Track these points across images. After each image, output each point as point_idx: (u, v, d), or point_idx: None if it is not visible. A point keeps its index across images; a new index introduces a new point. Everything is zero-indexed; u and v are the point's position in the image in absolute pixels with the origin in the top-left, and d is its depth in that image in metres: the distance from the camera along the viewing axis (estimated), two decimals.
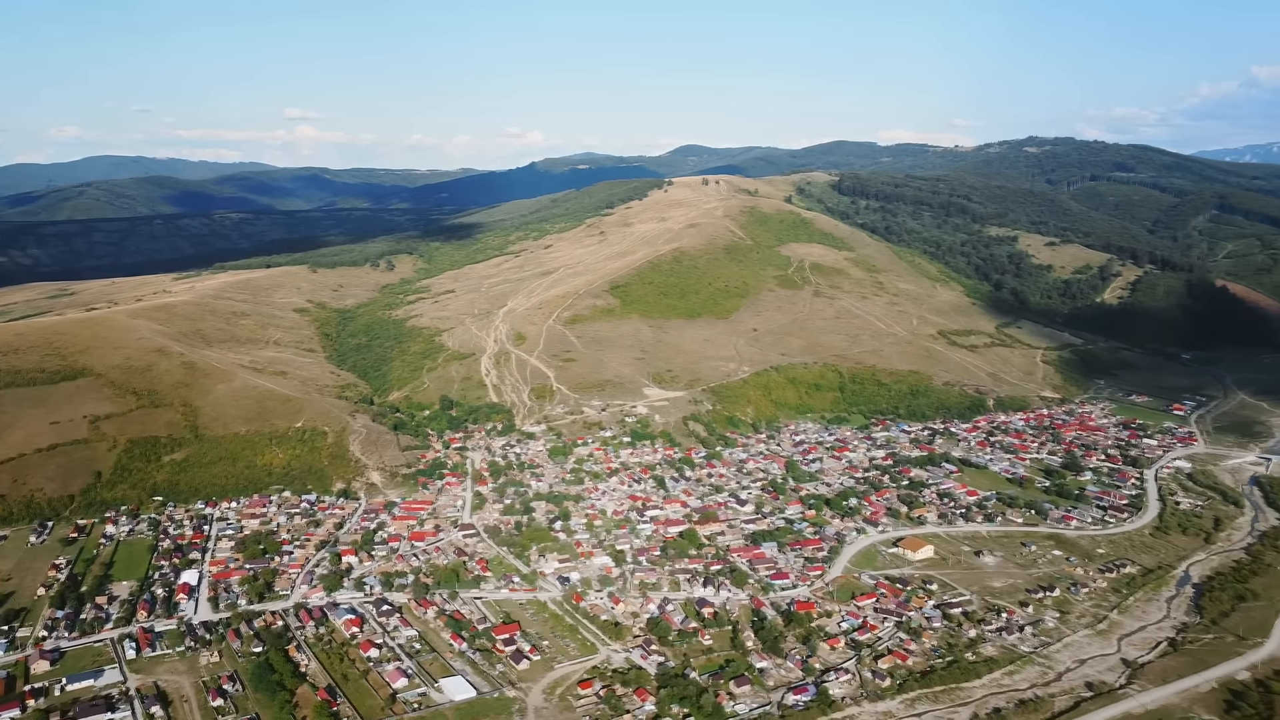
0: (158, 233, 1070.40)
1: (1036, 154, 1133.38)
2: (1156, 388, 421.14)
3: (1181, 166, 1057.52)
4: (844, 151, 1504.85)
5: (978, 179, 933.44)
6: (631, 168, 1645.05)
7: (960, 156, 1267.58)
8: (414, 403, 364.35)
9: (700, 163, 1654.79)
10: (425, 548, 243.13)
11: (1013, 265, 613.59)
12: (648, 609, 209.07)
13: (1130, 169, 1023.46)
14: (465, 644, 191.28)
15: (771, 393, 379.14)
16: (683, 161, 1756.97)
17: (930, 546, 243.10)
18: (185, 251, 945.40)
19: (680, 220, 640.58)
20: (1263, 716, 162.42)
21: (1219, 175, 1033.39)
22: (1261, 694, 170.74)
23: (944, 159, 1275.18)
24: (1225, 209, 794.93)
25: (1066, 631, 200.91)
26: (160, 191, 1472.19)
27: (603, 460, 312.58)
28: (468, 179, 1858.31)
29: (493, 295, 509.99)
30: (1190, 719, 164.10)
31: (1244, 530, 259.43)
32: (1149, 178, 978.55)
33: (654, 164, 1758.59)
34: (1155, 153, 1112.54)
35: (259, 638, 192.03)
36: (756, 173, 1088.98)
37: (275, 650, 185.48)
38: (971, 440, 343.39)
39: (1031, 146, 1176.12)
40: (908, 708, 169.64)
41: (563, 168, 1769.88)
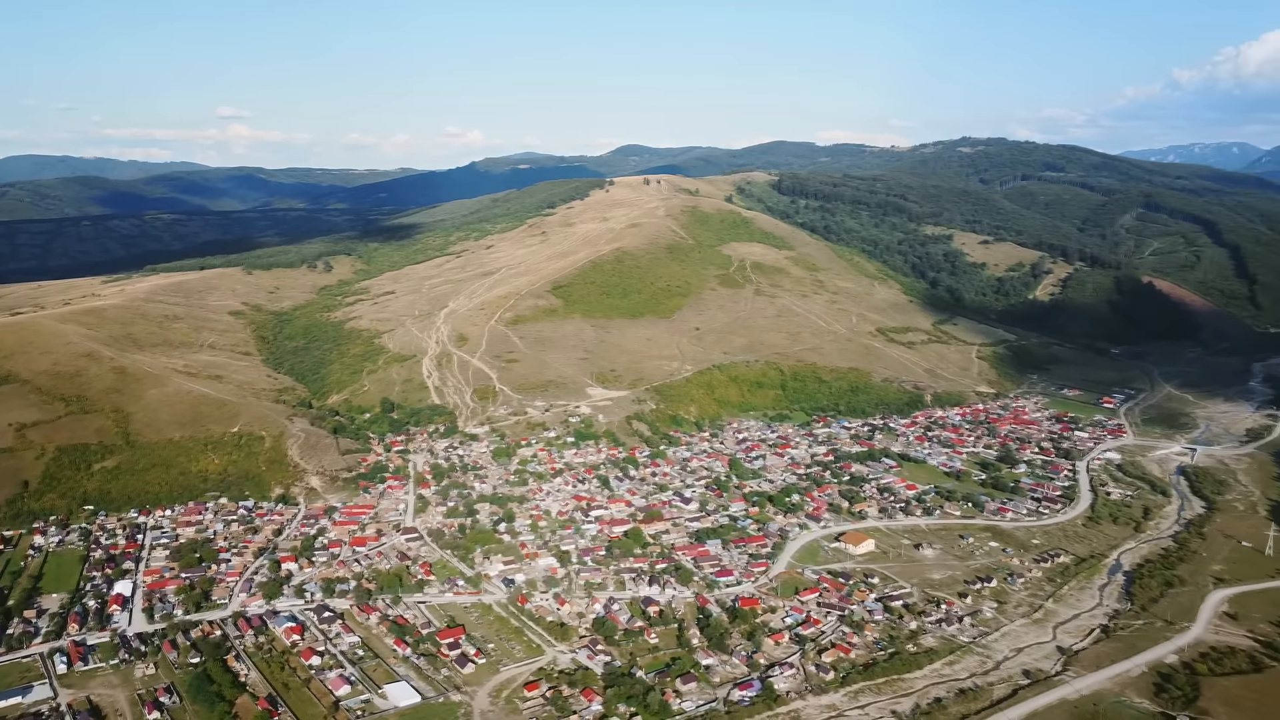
0: (86, 234, 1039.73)
1: (970, 154, 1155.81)
2: (1087, 382, 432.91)
3: (1109, 166, 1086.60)
4: (783, 151, 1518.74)
5: (914, 179, 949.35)
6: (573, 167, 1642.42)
7: (897, 156, 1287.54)
8: (354, 406, 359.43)
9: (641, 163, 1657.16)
10: (367, 553, 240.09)
11: (948, 263, 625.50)
12: (593, 609, 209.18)
13: (1060, 169, 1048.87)
14: (409, 649, 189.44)
15: (714, 391, 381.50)
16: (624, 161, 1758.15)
17: (871, 540, 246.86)
18: (115, 254, 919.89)
19: (622, 220, 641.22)
20: (1189, 698, 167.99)
21: (1144, 175, 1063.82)
22: (1188, 676, 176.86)
23: (881, 159, 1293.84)
24: (1151, 207, 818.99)
25: (1004, 621, 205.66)
26: (88, 192, 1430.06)
27: (547, 461, 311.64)
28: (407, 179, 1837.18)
29: (434, 296, 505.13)
30: (1122, 702, 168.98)
31: (1171, 519, 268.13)
32: (1078, 177, 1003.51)
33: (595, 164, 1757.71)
34: (1084, 153, 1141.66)
35: (196, 648, 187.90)
36: (697, 172, 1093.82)
37: (213, 660, 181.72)
38: (910, 435, 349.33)
39: (965, 147, 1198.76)
40: (851, 700, 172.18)
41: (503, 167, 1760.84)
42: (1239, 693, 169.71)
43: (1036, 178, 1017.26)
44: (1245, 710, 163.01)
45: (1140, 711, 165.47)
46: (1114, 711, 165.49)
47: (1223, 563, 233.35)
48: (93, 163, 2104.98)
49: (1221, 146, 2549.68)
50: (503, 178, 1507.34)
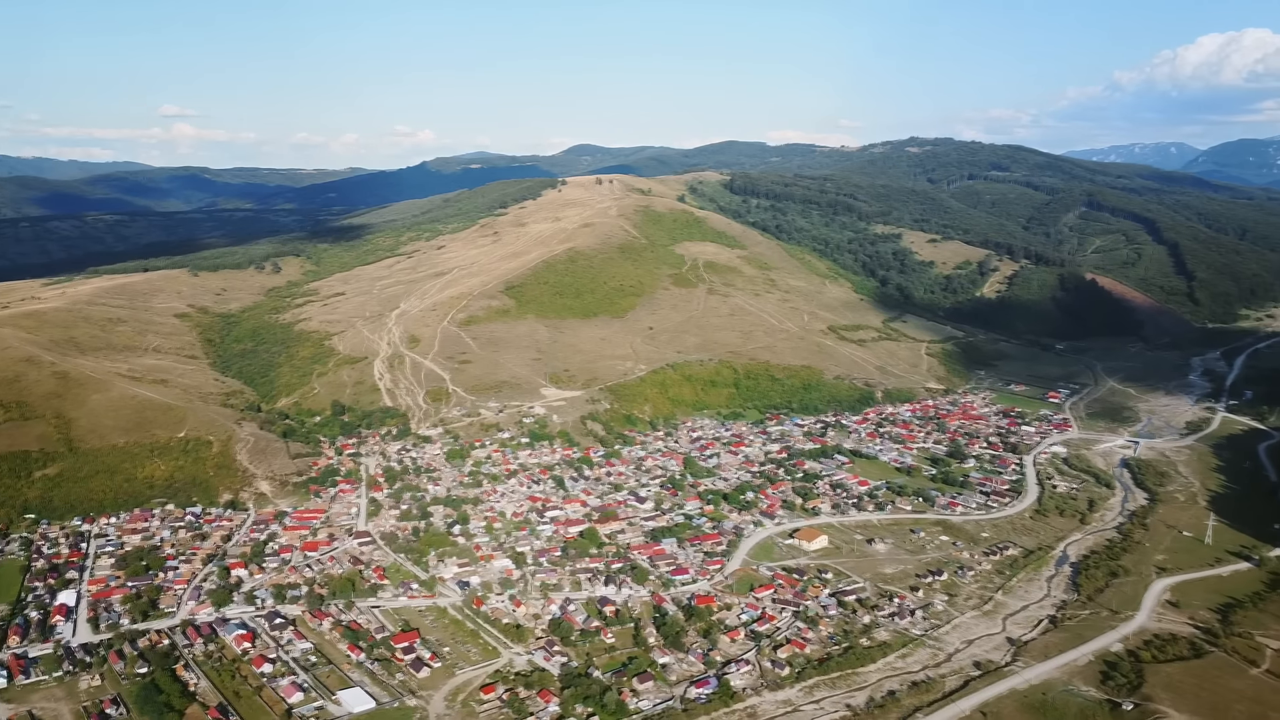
0: (24, 236, 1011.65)
1: (918, 154, 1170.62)
2: (1033, 377, 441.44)
3: (1053, 166, 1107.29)
4: (735, 151, 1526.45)
5: (863, 178, 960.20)
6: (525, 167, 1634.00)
7: (846, 156, 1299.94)
8: (304, 409, 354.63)
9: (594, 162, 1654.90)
10: (319, 558, 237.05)
11: (897, 262, 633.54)
12: (549, 610, 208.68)
13: (1006, 168, 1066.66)
14: (363, 654, 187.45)
15: (668, 390, 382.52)
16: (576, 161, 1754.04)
17: (825, 536, 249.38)
18: (55, 256, 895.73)
19: (575, 220, 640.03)
20: (1134, 685, 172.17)
21: (1087, 174, 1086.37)
22: (1133, 663, 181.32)
23: (831, 159, 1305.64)
24: (1093, 206, 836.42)
25: (955, 614, 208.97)
26: (26, 192, 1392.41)
27: (501, 462, 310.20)
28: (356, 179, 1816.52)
29: (385, 297, 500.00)
30: (1070, 691, 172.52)
31: (1115, 510, 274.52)
32: (1023, 177, 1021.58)
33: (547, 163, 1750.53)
34: (1028, 153, 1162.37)
35: (144, 658, 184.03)
36: (650, 172, 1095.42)
37: (162, 670, 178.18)
38: (862, 432, 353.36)
39: (913, 147, 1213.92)
40: (807, 695, 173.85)
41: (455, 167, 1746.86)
42: (1180, 678, 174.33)
43: (983, 177, 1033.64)
44: (1186, 695, 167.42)
45: (1087, 699, 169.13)
46: (1062, 700, 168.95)
47: (1165, 552, 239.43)
48: (30, 162, 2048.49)
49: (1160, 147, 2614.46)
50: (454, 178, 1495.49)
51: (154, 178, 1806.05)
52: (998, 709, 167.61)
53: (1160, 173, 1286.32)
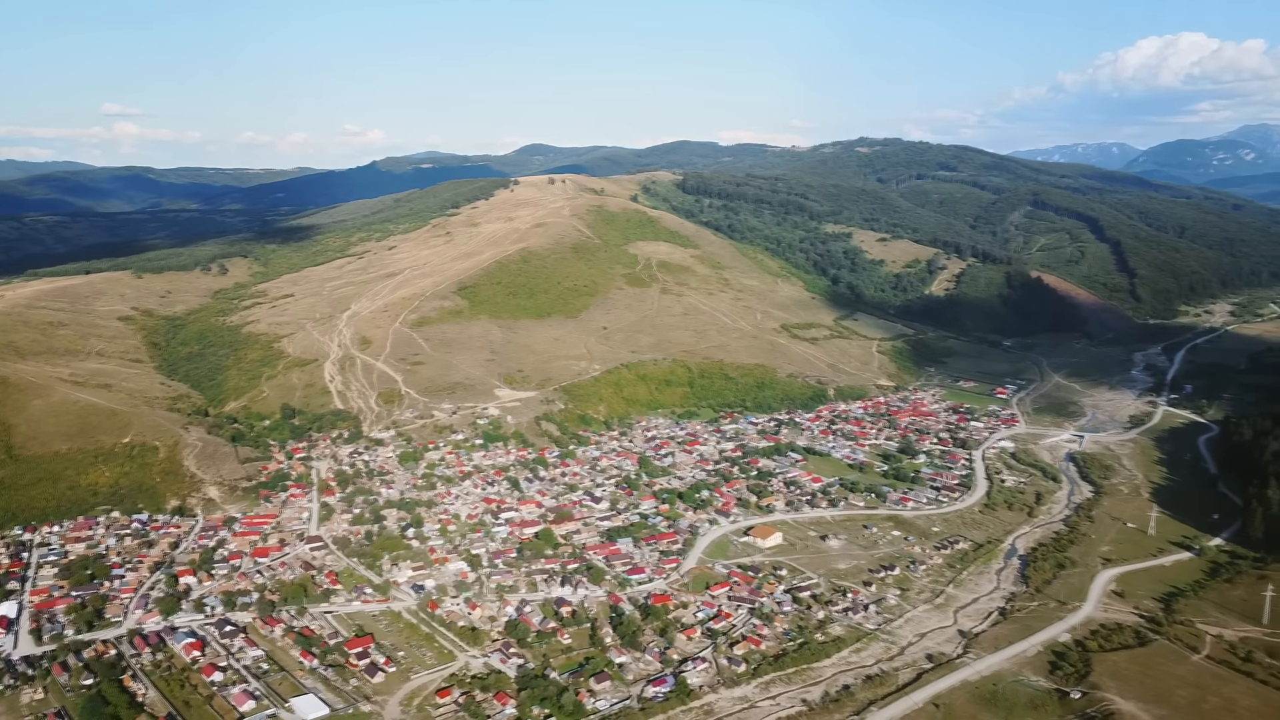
0: None
1: (867, 154, 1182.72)
2: (981, 373, 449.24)
3: (999, 166, 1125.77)
4: (687, 151, 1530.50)
5: (814, 178, 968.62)
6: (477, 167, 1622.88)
7: (798, 156, 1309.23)
8: (253, 412, 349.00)
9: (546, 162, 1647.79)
10: (270, 563, 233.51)
11: (848, 261, 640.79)
12: (505, 612, 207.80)
13: (953, 168, 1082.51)
14: (316, 660, 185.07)
15: (623, 390, 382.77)
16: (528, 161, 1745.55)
17: (779, 534, 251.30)
18: None
19: (527, 220, 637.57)
20: (1081, 674, 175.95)
21: (1032, 174, 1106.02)
22: (1080, 653, 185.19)
23: (782, 159, 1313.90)
24: (1038, 205, 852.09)
25: (907, 607, 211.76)
26: None
27: (455, 464, 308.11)
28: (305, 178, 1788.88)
29: (335, 299, 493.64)
30: (1020, 681, 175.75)
31: (1062, 503, 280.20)
32: (970, 176, 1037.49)
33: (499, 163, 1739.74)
34: (975, 153, 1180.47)
35: (89, 669, 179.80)
36: (602, 172, 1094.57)
37: (108, 681, 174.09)
38: (815, 429, 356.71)
39: (863, 147, 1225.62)
40: (763, 691, 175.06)
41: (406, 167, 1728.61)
42: (1126, 666, 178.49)
43: (931, 177, 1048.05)
44: (1131, 682, 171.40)
45: (1036, 689, 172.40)
46: (1012, 690, 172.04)
47: (1110, 544, 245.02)
48: None
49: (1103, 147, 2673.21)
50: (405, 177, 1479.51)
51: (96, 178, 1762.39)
52: (950, 700, 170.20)
53: (1103, 172, 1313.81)
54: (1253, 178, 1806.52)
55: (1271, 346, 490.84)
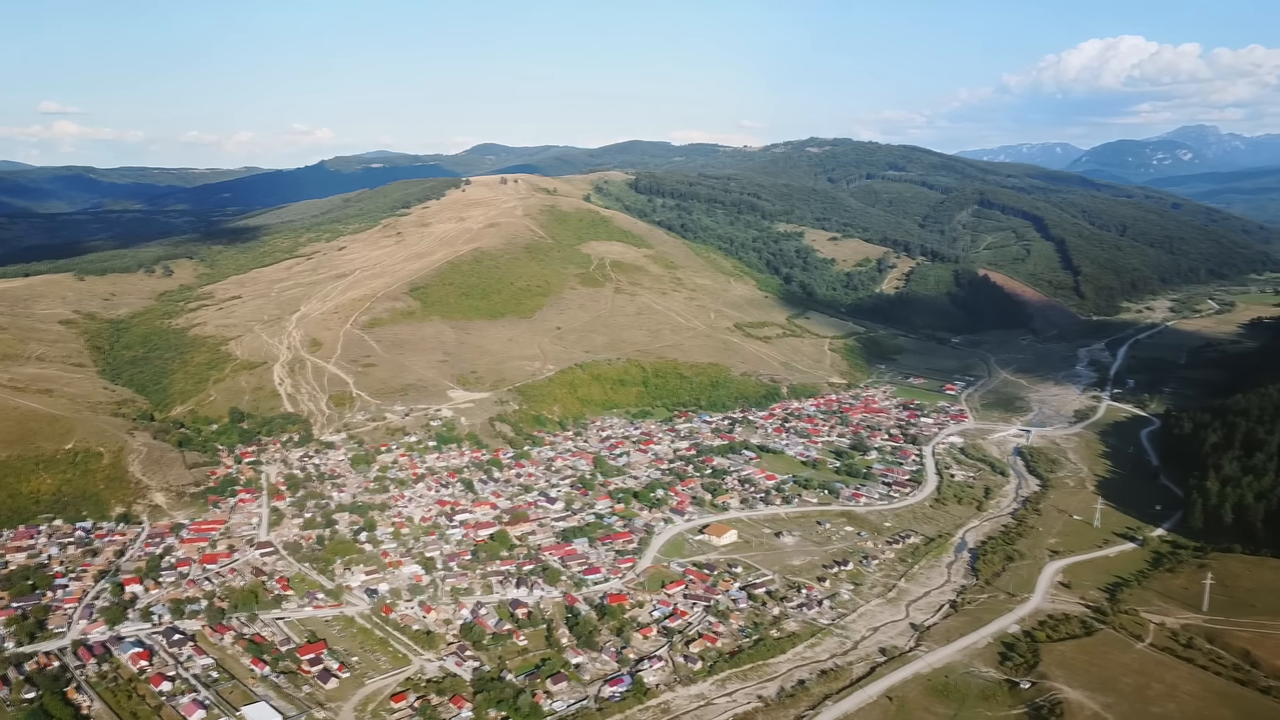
0: None
1: (818, 154, 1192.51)
2: (931, 370, 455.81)
3: (946, 166, 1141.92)
4: (639, 151, 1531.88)
5: (766, 177, 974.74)
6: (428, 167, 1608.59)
7: (749, 156, 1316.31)
8: (200, 417, 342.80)
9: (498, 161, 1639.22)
10: (219, 570, 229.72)
11: (800, 259, 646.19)
12: (460, 614, 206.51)
13: (902, 168, 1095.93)
14: (267, 668, 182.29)
15: (577, 390, 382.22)
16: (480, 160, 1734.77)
17: (734, 531, 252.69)
18: None
19: (480, 220, 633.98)
20: (1031, 664, 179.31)
21: (978, 173, 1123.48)
22: (1029, 643, 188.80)
23: (734, 158, 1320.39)
24: (985, 204, 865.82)
25: (861, 602, 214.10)
26: None
27: (408, 466, 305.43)
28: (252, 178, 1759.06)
29: (284, 300, 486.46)
30: (971, 672, 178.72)
31: (1010, 497, 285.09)
32: (918, 176, 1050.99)
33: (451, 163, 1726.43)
34: (923, 153, 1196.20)
35: (31, 682, 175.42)
36: (554, 172, 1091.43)
37: (51, 694, 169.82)
38: (769, 427, 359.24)
39: (813, 147, 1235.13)
40: (719, 688, 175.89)
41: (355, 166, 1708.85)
42: (1073, 656, 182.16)
43: (880, 176, 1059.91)
44: (1079, 671, 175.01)
45: (987, 680, 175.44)
46: (963, 682, 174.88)
47: (1057, 536, 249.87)
48: None
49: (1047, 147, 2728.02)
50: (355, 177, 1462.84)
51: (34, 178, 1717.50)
52: (903, 693, 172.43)
53: (1047, 172, 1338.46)
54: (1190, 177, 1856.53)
55: (1209, 342, 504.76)
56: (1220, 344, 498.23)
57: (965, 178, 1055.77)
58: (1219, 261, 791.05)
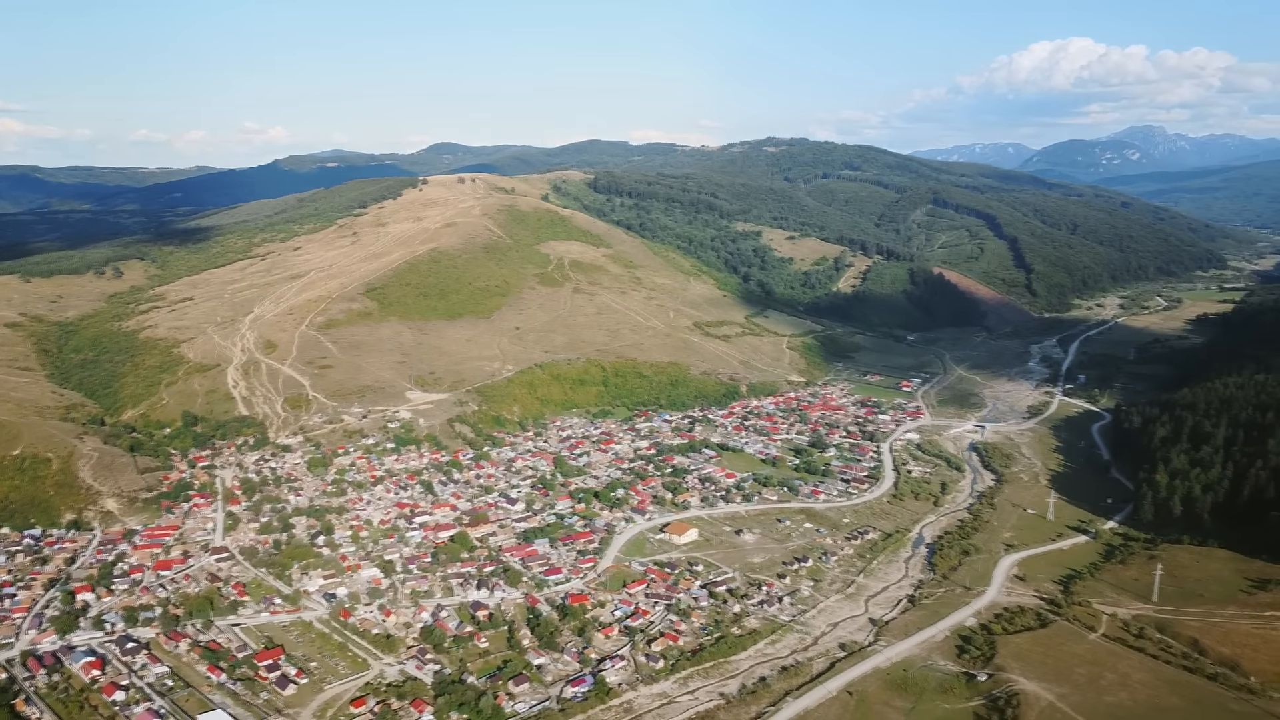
0: None
1: (775, 153, 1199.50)
2: (887, 367, 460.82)
3: (902, 165, 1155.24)
4: (598, 150, 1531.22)
5: (724, 177, 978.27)
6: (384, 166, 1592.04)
7: (707, 156, 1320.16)
8: (152, 421, 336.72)
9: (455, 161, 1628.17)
10: (173, 576, 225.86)
11: (758, 259, 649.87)
12: (421, 617, 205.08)
13: (858, 168, 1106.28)
14: (224, 675, 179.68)
15: (537, 390, 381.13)
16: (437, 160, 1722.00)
17: (695, 529, 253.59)
18: None
19: (437, 220, 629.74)
20: (987, 656, 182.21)
21: (932, 173, 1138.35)
22: (985, 636, 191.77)
23: (692, 158, 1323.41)
24: (939, 203, 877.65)
25: (820, 598, 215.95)
26: None
27: (366, 469, 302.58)
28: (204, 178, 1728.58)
29: (237, 302, 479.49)
30: (929, 666, 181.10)
31: (966, 492, 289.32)
32: (874, 175, 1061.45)
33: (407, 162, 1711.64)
34: (879, 152, 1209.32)
35: None
36: (512, 171, 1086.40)
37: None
38: (728, 425, 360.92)
39: (770, 146, 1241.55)
40: (681, 686, 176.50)
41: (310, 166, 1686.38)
42: (1028, 647, 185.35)
43: (836, 176, 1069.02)
44: (1034, 663, 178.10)
45: (945, 673, 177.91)
46: (922, 675, 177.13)
47: (1012, 530, 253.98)
48: None
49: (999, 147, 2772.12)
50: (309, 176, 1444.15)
51: None
52: (863, 687, 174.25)
53: (1000, 171, 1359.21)
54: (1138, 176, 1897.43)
55: (1158, 338, 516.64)
56: (1168, 340, 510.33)
57: (920, 177, 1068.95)
58: (1167, 259, 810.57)
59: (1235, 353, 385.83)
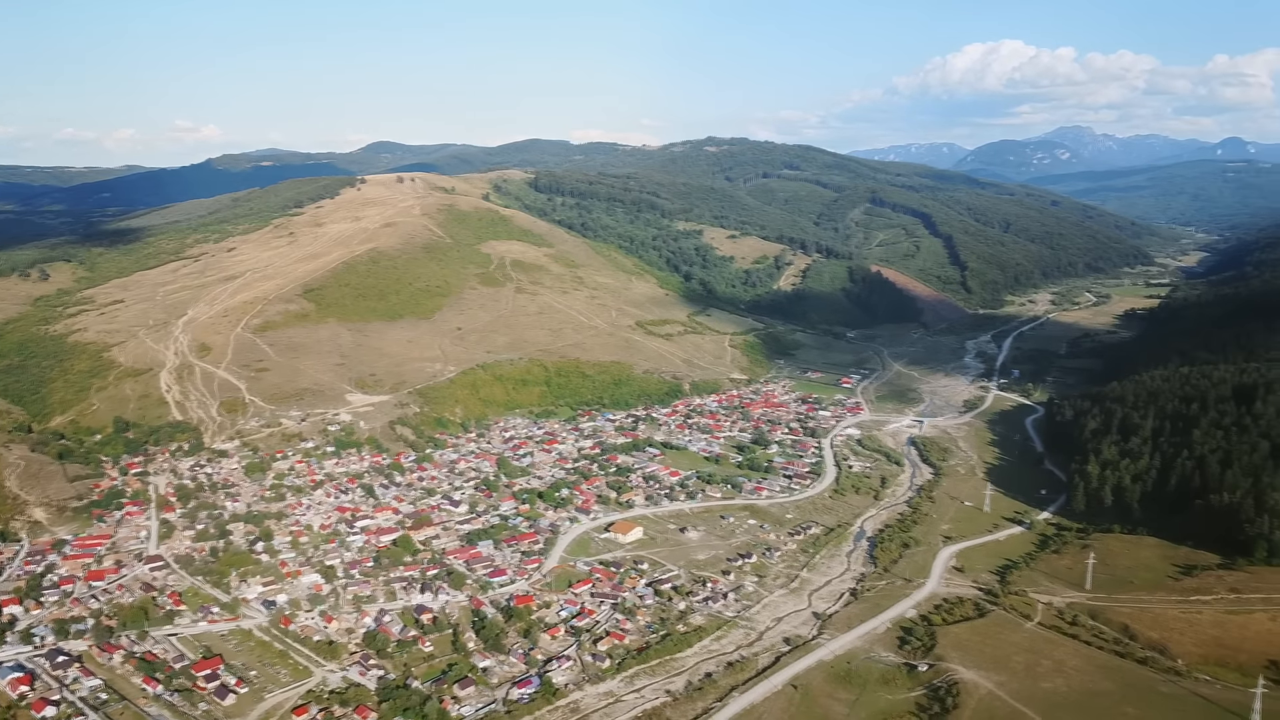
0: None
1: (716, 153, 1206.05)
2: (828, 364, 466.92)
3: (840, 165, 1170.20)
4: (539, 149, 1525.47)
5: (665, 176, 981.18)
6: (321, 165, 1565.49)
7: (648, 155, 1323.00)
8: (82, 427, 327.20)
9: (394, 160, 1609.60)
10: (106, 587, 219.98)
11: (700, 257, 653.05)
12: (363, 623, 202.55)
13: (797, 167, 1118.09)
14: (161, 686, 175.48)
15: (479, 391, 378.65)
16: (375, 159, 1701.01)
17: (639, 528, 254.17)
18: None
19: (376, 219, 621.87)
20: (928, 647, 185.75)
21: (870, 173, 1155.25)
22: (926, 627, 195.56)
23: (633, 157, 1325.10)
24: (876, 202, 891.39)
25: (765, 593, 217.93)
26: None
27: (305, 473, 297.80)
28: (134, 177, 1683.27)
29: (170, 304, 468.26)
30: (872, 658, 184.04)
31: (905, 486, 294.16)
32: (813, 175, 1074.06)
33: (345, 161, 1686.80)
34: (818, 152, 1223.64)
35: None
36: (452, 170, 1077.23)
37: None
38: (671, 424, 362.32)
39: (711, 146, 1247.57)
40: (628, 684, 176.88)
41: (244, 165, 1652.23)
42: (967, 637, 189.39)
43: (776, 175, 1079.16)
44: (972, 652, 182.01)
45: (887, 664, 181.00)
46: (865, 667, 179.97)
47: (950, 522, 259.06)
48: None
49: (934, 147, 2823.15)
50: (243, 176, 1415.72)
51: None
52: (807, 681, 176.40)
53: (935, 171, 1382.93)
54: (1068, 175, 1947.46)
55: (1088, 333, 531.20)
56: (1097, 334, 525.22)
57: (858, 177, 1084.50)
58: (1095, 256, 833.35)
59: (1162, 346, 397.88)
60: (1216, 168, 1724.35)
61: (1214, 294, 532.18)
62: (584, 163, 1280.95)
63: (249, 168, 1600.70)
